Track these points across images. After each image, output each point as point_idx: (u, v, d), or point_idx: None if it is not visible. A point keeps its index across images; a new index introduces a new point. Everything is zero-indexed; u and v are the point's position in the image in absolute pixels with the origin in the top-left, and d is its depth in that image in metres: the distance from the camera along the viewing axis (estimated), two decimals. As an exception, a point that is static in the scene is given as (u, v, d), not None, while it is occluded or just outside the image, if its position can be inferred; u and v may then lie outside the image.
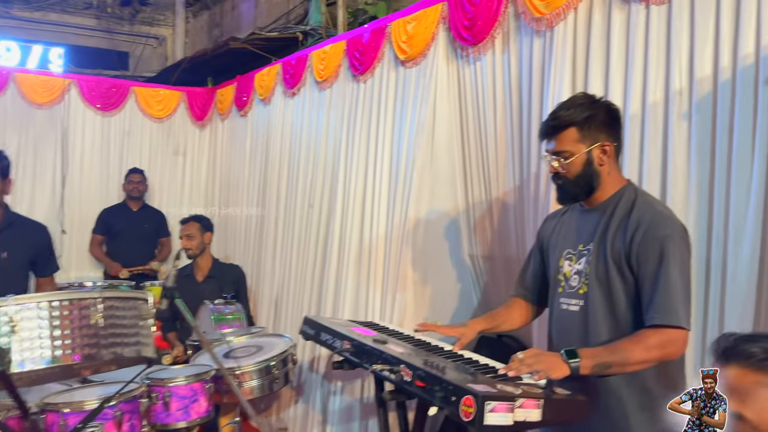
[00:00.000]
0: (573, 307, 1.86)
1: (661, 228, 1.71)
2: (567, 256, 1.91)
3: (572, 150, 1.81)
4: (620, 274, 1.76)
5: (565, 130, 1.81)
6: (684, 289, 1.69)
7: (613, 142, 1.83)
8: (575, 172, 1.82)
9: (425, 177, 3.22)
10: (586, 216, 1.89)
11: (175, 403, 2.30)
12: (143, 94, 5.58)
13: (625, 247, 1.74)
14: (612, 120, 1.84)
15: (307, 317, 2.37)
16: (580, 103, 1.82)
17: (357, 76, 3.64)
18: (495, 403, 1.45)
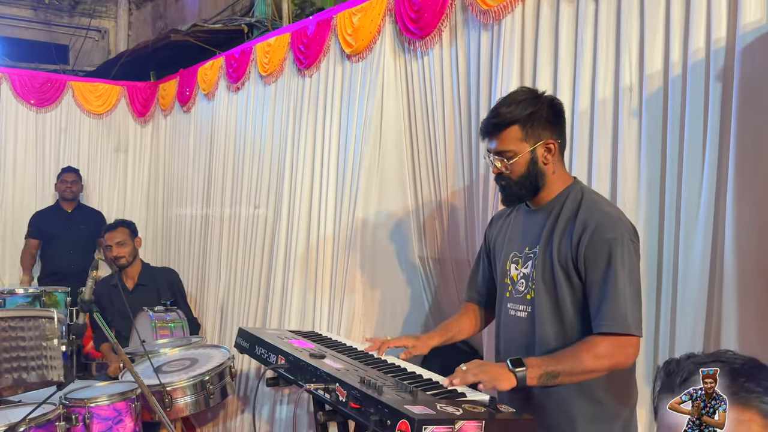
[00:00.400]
0: (520, 314, 1.77)
1: (608, 230, 1.63)
2: (513, 259, 1.82)
3: (515, 149, 1.71)
4: (567, 279, 1.67)
5: (507, 128, 1.71)
6: (633, 294, 1.61)
7: (557, 140, 1.73)
8: (519, 172, 1.72)
9: (373, 176, 3.10)
10: (532, 217, 1.80)
11: (97, 425, 2.12)
12: (81, 89, 5.29)
13: (571, 250, 1.66)
14: (555, 116, 1.75)
15: (242, 329, 2.21)
16: (522, 99, 1.72)
17: (302, 70, 3.48)
18: (432, 428, 1.33)
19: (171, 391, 2.33)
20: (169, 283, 3.91)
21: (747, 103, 1.76)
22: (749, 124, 1.75)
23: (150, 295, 3.77)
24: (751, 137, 1.75)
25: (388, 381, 1.64)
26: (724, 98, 1.83)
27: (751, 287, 1.73)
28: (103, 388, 2.34)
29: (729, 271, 1.76)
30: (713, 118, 1.84)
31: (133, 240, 3.81)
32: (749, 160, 1.75)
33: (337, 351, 2.01)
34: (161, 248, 5.18)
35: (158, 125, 5.29)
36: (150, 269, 3.96)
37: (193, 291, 4.53)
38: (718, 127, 1.83)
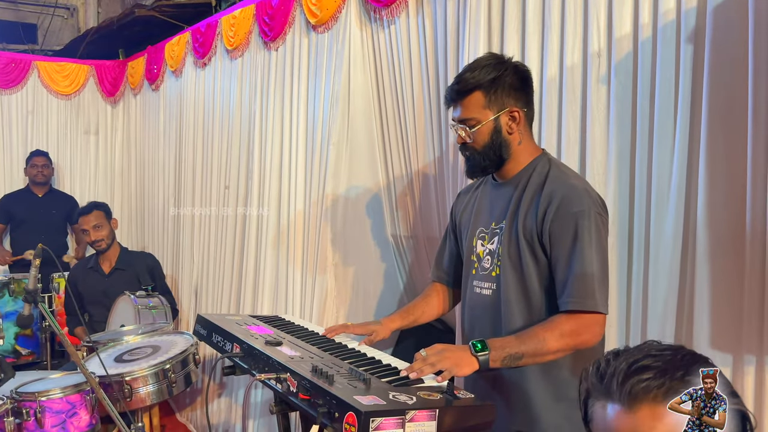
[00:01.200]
0: (485, 291, 1.70)
1: (575, 203, 1.54)
2: (480, 235, 1.74)
3: (479, 117, 1.62)
4: (533, 255, 1.60)
5: (470, 94, 1.62)
6: (600, 270, 1.54)
7: (522, 108, 1.64)
8: (483, 141, 1.64)
9: (342, 152, 2.99)
10: (499, 191, 1.72)
11: (50, 418, 2.03)
12: (47, 69, 5.13)
13: (536, 224, 1.58)
14: (521, 83, 1.65)
15: (200, 315, 2.12)
16: (486, 64, 1.62)
17: (268, 42, 3.35)
18: (381, 420, 1.25)
19: (131, 381, 2.25)
20: (149, 268, 3.82)
21: (719, 65, 1.66)
22: (721, 87, 1.66)
23: (128, 279, 3.67)
24: (724, 100, 1.66)
25: (342, 369, 1.56)
26: (695, 61, 1.73)
27: (724, 259, 1.66)
28: (57, 381, 2.25)
29: (701, 243, 1.68)
30: (684, 82, 1.74)
31: (109, 222, 3.71)
32: (722, 124, 1.66)
33: (296, 336, 1.93)
34: (136, 231, 5.08)
35: (128, 105, 5.14)
36: (128, 253, 3.86)
37: (169, 273, 4.44)
38: (690, 92, 1.73)
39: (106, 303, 3.58)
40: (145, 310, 3.30)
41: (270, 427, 3.14)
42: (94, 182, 5.29)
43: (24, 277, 4.19)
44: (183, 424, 4.07)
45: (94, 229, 3.63)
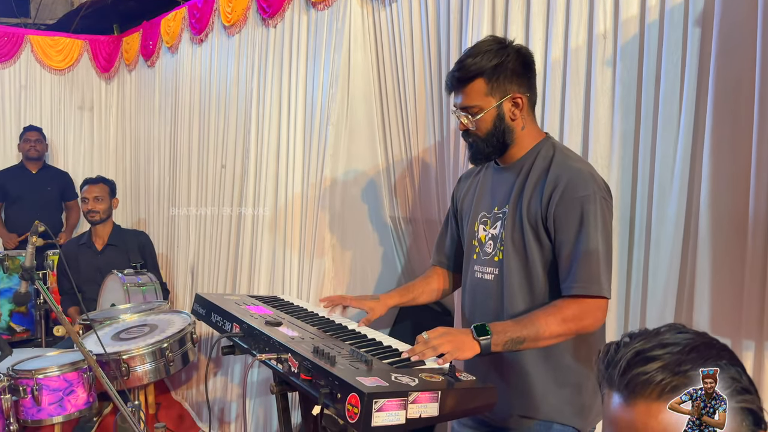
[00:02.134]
0: (487, 276, 1.69)
1: (581, 188, 1.53)
2: (482, 220, 1.73)
3: (481, 104, 1.60)
4: (537, 239, 1.58)
5: (471, 82, 1.59)
6: (605, 255, 1.53)
7: (525, 93, 1.62)
8: (486, 128, 1.62)
9: (341, 132, 2.96)
10: (502, 175, 1.70)
11: (47, 396, 2.03)
12: (40, 44, 5.05)
13: (541, 209, 1.57)
14: (524, 68, 1.62)
15: (199, 295, 2.11)
16: (487, 50, 1.59)
17: (266, 19, 3.30)
18: (384, 401, 1.24)
19: (128, 359, 2.24)
20: (140, 246, 3.82)
21: (727, 49, 1.64)
22: (728, 72, 1.64)
23: (119, 256, 3.67)
24: (731, 85, 1.64)
25: (343, 350, 1.56)
26: (702, 44, 1.71)
27: (725, 245, 1.65)
28: (54, 358, 2.24)
29: (703, 229, 1.68)
30: (691, 65, 1.72)
31: (110, 199, 3.74)
32: (727, 109, 1.64)
33: (296, 317, 1.92)
34: (131, 209, 5.05)
35: (123, 81, 5.08)
36: (121, 231, 3.86)
37: (165, 253, 4.43)
38: (696, 76, 1.72)
39: (98, 280, 3.57)
40: (134, 288, 3.30)
41: (266, 405, 3.15)
42: (88, 159, 5.24)
43: (18, 254, 4.17)
44: (178, 402, 4.07)
45: (94, 200, 3.65)
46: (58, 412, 2.05)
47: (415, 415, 1.29)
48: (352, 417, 1.25)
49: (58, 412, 2.05)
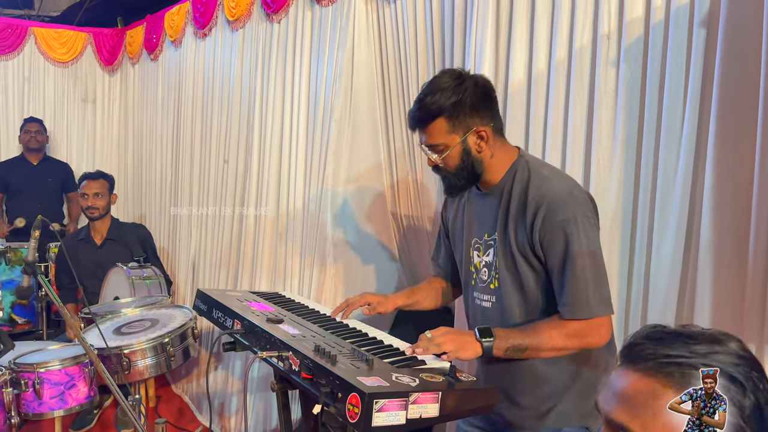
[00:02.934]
0: (485, 303, 1.70)
1: (561, 211, 1.52)
2: (475, 246, 1.73)
3: (446, 142, 1.59)
4: (528, 264, 1.59)
5: (433, 121, 1.58)
6: (594, 275, 1.51)
7: (488, 124, 1.60)
8: (454, 164, 1.61)
9: (344, 128, 2.96)
10: (485, 200, 1.69)
11: (48, 390, 2.04)
12: (44, 36, 5.05)
13: (527, 236, 1.57)
14: (483, 100, 1.60)
15: (200, 290, 2.12)
16: (444, 87, 1.57)
17: (270, 14, 3.29)
18: (384, 401, 1.25)
19: (129, 354, 2.25)
20: (140, 239, 3.83)
21: (732, 51, 1.64)
22: (733, 75, 1.64)
23: (119, 250, 3.68)
24: (735, 89, 1.63)
25: (345, 348, 1.56)
26: (707, 46, 1.70)
27: (728, 250, 1.65)
28: (55, 352, 2.25)
29: (705, 234, 1.67)
30: (696, 67, 1.72)
31: (110, 194, 3.74)
32: (732, 113, 1.64)
33: (297, 315, 1.93)
34: (133, 203, 5.05)
35: (126, 74, 5.07)
36: (119, 225, 3.86)
37: (166, 247, 4.43)
38: (701, 78, 1.71)
39: (99, 274, 3.58)
40: (139, 281, 3.30)
41: (266, 401, 3.16)
42: (91, 151, 5.24)
43: (20, 246, 4.18)
44: (178, 396, 4.09)
45: (93, 196, 3.65)
46: (59, 406, 2.06)
47: (416, 416, 1.29)
48: (353, 417, 1.25)
49: (60, 406, 2.06)
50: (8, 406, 1.97)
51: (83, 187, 3.70)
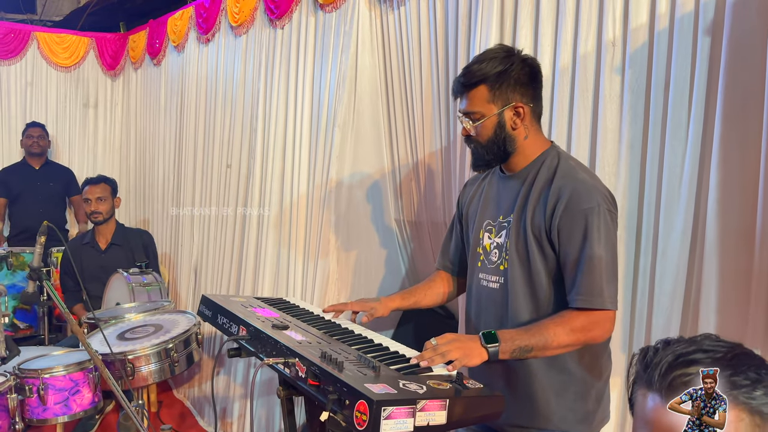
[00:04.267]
0: (492, 284, 1.69)
1: (585, 200, 1.53)
2: (487, 227, 1.73)
3: (483, 111, 1.61)
4: (540, 250, 1.59)
5: (475, 87, 1.60)
6: (610, 267, 1.53)
7: (528, 103, 1.62)
8: (486, 135, 1.62)
9: (348, 134, 2.97)
10: (506, 183, 1.70)
11: (53, 396, 2.03)
12: (47, 41, 5.06)
13: (545, 221, 1.57)
14: (529, 78, 1.62)
15: (205, 296, 2.12)
16: (493, 57, 1.60)
17: (274, 20, 3.30)
18: (392, 409, 1.25)
19: (133, 360, 2.25)
20: (144, 246, 3.83)
21: (736, 59, 1.64)
22: (738, 81, 1.64)
23: (123, 255, 3.68)
24: (740, 96, 1.64)
25: (351, 355, 1.56)
26: (712, 54, 1.71)
27: (733, 254, 1.65)
28: (60, 358, 2.25)
29: (711, 237, 1.68)
30: (700, 74, 1.73)
31: (112, 198, 3.73)
32: (736, 120, 1.65)
33: (302, 321, 1.92)
34: (135, 208, 5.06)
35: (129, 79, 5.08)
36: (124, 230, 3.86)
37: (168, 252, 4.43)
38: (705, 85, 1.72)
39: (103, 279, 3.58)
40: (139, 287, 3.30)
41: (268, 407, 3.15)
42: (93, 156, 5.25)
43: (22, 250, 4.18)
44: (180, 401, 4.08)
45: (96, 201, 3.64)
46: (63, 412, 2.05)
47: (423, 423, 1.29)
48: (361, 424, 1.25)
49: (64, 412, 2.06)
50: (13, 411, 1.97)
51: (85, 192, 3.70)
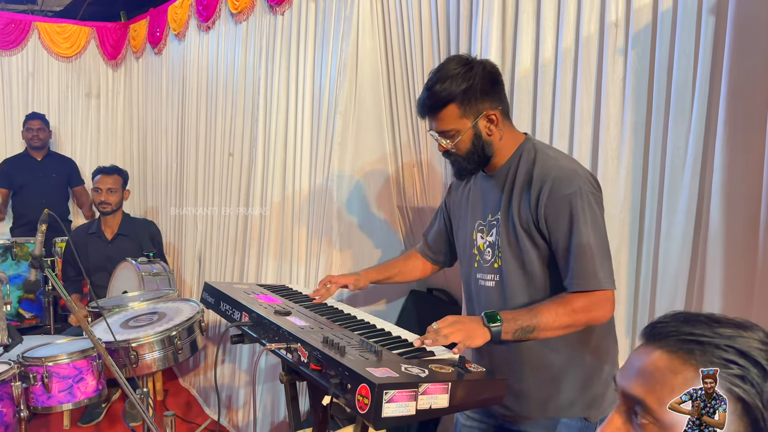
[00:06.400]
0: (489, 283, 1.71)
1: (566, 186, 1.54)
2: (479, 228, 1.75)
3: (457, 127, 1.63)
4: (531, 241, 1.61)
5: (444, 108, 1.62)
6: (600, 248, 1.54)
7: (497, 108, 1.64)
8: (465, 148, 1.65)
9: (349, 120, 2.95)
10: (488, 182, 1.73)
11: (57, 383, 2.04)
12: (48, 31, 5.05)
13: (531, 212, 1.59)
14: (492, 84, 1.63)
15: (207, 283, 2.12)
16: (454, 74, 1.60)
17: (274, 6, 3.28)
18: (394, 392, 1.25)
19: (137, 347, 2.25)
20: (151, 236, 3.84)
21: (741, 40, 1.62)
22: (742, 62, 1.62)
23: (129, 246, 3.68)
24: (745, 78, 1.62)
25: (353, 340, 1.56)
26: (716, 35, 1.69)
27: (738, 237, 1.64)
28: (63, 346, 2.25)
29: (715, 221, 1.66)
30: (704, 55, 1.70)
31: (123, 190, 3.74)
32: (741, 100, 1.62)
33: (304, 307, 1.93)
34: (138, 197, 5.06)
35: (130, 68, 5.07)
36: (131, 220, 3.87)
37: (172, 241, 4.44)
38: (709, 66, 1.70)
39: (108, 268, 3.59)
40: (149, 276, 3.31)
41: (274, 393, 3.17)
42: (95, 146, 5.25)
43: (26, 240, 4.19)
44: (185, 389, 4.11)
45: (107, 192, 3.65)
46: (67, 399, 2.06)
47: (426, 406, 1.29)
48: (363, 407, 1.25)
49: (68, 399, 2.07)
50: (17, 399, 1.97)
51: (97, 181, 3.70)
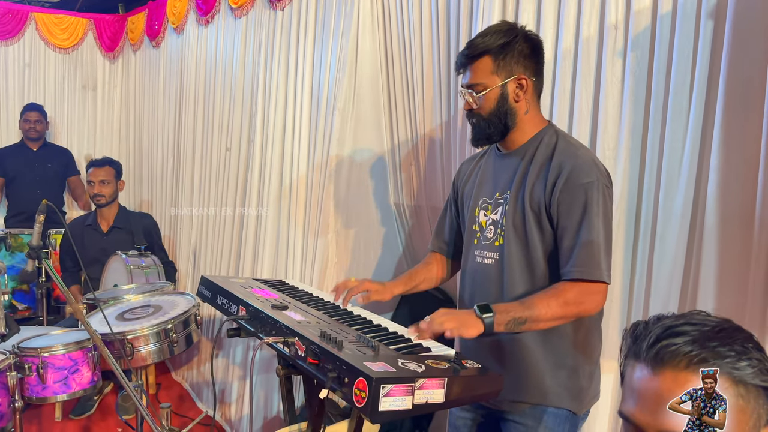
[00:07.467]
0: (488, 260, 1.71)
1: (584, 175, 1.56)
2: (483, 205, 1.75)
3: (486, 82, 1.62)
4: (538, 225, 1.61)
5: (478, 59, 1.62)
6: (606, 242, 1.56)
7: (531, 77, 1.64)
8: (489, 108, 1.64)
9: (348, 117, 2.96)
10: (503, 161, 1.72)
11: (52, 374, 2.04)
12: (45, 21, 5.02)
13: (545, 195, 1.59)
14: (531, 51, 1.64)
15: (204, 277, 2.12)
16: (497, 30, 1.63)
17: (274, 2, 3.28)
18: (391, 386, 1.26)
19: (132, 340, 2.25)
20: (145, 229, 3.83)
21: (739, 43, 1.64)
22: (740, 66, 1.63)
23: (124, 238, 3.68)
24: (742, 79, 1.63)
25: (350, 335, 1.57)
26: (715, 37, 1.70)
27: (732, 238, 1.65)
28: (59, 337, 2.25)
29: (710, 222, 1.68)
30: (702, 58, 1.72)
31: (116, 181, 3.73)
32: (738, 103, 1.64)
33: (301, 302, 1.93)
34: (134, 190, 5.05)
35: (128, 61, 5.05)
36: (126, 213, 3.86)
37: (168, 234, 4.44)
38: (707, 69, 1.71)
39: (103, 261, 3.58)
40: (137, 270, 3.31)
41: (267, 387, 3.17)
42: (92, 138, 5.23)
43: (20, 231, 4.17)
44: (178, 383, 4.10)
45: (100, 184, 3.65)
46: (62, 390, 2.07)
47: (422, 401, 1.30)
48: (360, 401, 1.26)
49: (63, 390, 2.07)
50: (12, 389, 1.98)
51: (90, 174, 3.70)
